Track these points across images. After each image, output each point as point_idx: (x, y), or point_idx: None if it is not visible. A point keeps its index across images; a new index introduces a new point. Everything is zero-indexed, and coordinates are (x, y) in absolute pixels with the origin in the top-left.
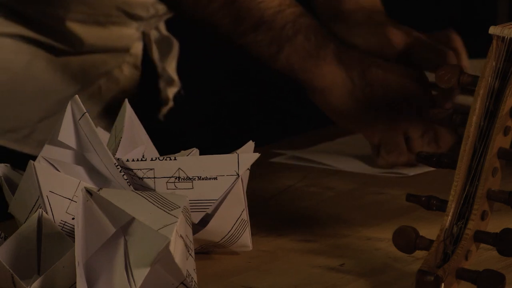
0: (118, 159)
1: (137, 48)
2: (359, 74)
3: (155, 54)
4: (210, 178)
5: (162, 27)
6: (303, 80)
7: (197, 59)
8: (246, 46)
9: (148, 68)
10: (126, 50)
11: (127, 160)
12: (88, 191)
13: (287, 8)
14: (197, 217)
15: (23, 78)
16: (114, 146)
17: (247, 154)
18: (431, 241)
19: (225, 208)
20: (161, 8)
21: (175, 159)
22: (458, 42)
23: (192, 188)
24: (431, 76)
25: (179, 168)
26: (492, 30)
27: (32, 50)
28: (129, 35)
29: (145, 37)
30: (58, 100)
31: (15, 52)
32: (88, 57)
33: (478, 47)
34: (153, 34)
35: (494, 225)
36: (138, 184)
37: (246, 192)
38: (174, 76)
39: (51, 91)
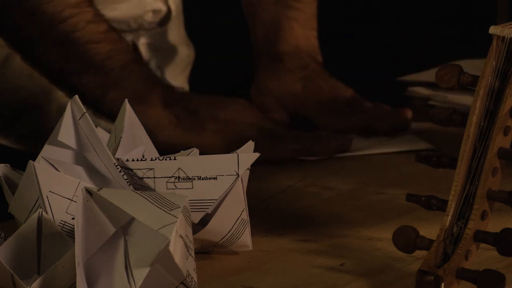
0: (118, 159)
1: None
2: (184, 110)
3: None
4: (210, 178)
5: (171, 36)
6: None
7: (196, 59)
8: (73, 87)
9: None
10: None
11: (127, 160)
12: (88, 191)
13: (117, 55)
14: (197, 217)
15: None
16: (114, 146)
17: (247, 154)
18: (431, 241)
19: (225, 208)
20: (147, 21)
21: (175, 159)
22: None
23: (192, 188)
24: None
25: (179, 168)
26: (492, 30)
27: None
28: None
29: (133, 46)
30: (32, 94)
31: None
32: None
33: (478, 47)
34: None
35: (494, 225)
36: (138, 184)
37: (246, 192)
38: (178, 83)
39: (26, 86)
